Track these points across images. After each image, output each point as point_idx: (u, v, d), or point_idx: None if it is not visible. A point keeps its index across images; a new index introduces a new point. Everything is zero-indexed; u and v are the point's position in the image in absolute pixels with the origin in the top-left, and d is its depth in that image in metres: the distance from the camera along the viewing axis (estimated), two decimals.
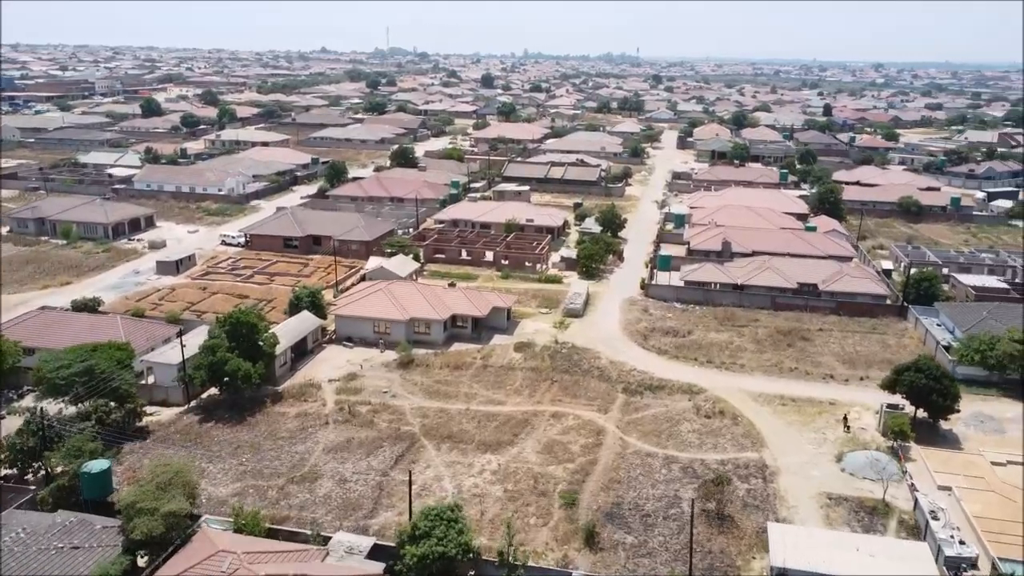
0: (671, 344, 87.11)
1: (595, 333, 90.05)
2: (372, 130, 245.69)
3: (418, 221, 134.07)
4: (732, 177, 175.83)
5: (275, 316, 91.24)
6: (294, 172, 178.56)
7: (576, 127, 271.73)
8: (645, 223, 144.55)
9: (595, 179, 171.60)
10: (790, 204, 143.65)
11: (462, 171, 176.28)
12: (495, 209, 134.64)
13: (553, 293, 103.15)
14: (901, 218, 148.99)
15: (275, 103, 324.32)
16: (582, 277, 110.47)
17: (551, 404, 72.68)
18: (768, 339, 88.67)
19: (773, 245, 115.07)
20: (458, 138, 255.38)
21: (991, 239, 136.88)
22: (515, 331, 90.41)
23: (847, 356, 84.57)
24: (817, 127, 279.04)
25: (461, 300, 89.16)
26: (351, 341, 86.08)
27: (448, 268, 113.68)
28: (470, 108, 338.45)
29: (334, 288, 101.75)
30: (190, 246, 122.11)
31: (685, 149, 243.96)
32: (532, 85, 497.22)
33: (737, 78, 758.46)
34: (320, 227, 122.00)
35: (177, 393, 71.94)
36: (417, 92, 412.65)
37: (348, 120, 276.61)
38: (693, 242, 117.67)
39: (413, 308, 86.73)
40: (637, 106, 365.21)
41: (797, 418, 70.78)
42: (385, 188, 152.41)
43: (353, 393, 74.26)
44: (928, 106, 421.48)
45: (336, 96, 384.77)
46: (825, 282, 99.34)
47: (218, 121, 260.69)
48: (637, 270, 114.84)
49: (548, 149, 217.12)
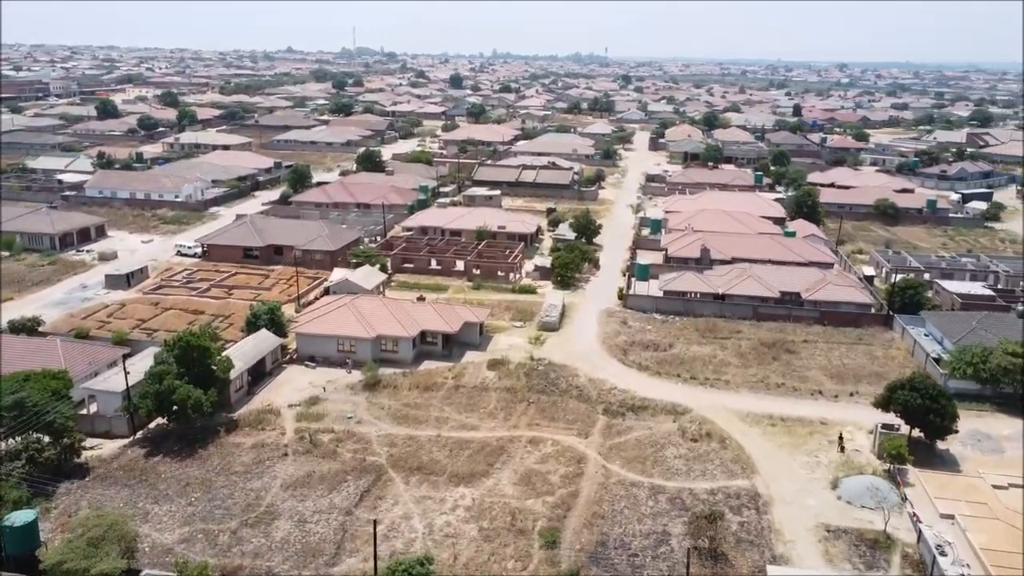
0: (652, 359, 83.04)
1: (572, 348, 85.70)
2: (338, 132, 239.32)
3: (385, 229, 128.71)
4: (706, 179, 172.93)
5: (232, 333, 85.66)
6: (256, 177, 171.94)
7: (547, 128, 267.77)
8: (620, 228, 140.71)
9: (568, 183, 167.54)
10: (767, 207, 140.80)
11: (431, 175, 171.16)
12: (465, 215, 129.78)
13: (527, 304, 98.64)
14: (878, 221, 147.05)
15: (238, 104, 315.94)
16: (557, 287, 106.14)
17: (528, 428, 68.11)
18: (752, 352, 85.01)
19: (753, 251, 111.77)
20: (427, 140, 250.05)
21: (969, 242, 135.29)
22: (488, 347, 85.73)
23: (834, 370, 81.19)
24: (788, 128, 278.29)
25: (431, 315, 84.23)
26: (313, 361, 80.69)
27: (417, 278, 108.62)
28: (439, 109, 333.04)
29: (296, 302, 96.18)
30: (143, 257, 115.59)
31: (657, 150, 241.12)
32: (501, 85, 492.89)
33: (705, 78, 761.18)
34: (282, 236, 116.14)
35: (122, 424, 66.09)
36: (385, 93, 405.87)
37: (313, 122, 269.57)
38: (671, 249, 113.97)
39: (380, 324, 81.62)
40: (607, 107, 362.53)
41: (788, 440, 67.02)
42: (351, 193, 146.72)
43: (315, 419, 68.99)
44: (894, 106, 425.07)
45: (301, 97, 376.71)
46: (808, 291, 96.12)
47: (177, 123, 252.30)
48: (614, 278, 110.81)
49: (519, 151, 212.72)
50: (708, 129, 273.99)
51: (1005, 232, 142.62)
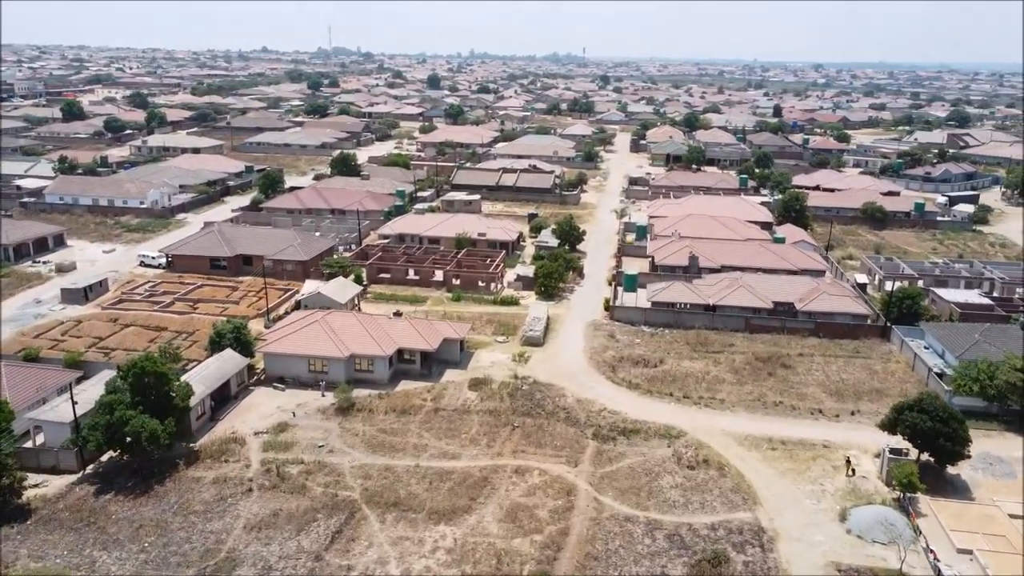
0: (642, 376, 78.75)
1: (558, 365, 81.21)
2: (312, 134, 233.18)
3: (360, 236, 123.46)
4: (690, 182, 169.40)
5: (196, 352, 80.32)
6: (226, 181, 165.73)
7: (527, 130, 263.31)
8: (604, 234, 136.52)
9: (549, 186, 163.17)
10: (753, 212, 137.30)
11: (408, 179, 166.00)
12: (444, 222, 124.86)
13: (510, 317, 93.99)
14: (865, 225, 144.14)
15: (209, 105, 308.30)
16: (540, 298, 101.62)
17: (513, 456, 63.48)
18: (747, 367, 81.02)
19: (742, 259, 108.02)
20: (404, 142, 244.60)
21: (958, 246, 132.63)
22: (469, 364, 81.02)
23: (833, 386, 77.39)
24: (769, 129, 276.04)
25: (408, 332, 79.30)
26: (283, 382, 75.50)
27: (394, 289, 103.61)
28: (416, 110, 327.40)
29: (265, 317, 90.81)
30: (104, 269, 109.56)
31: (639, 152, 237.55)
32: (480, 86, 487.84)
33: (683, 78, 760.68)
34: (251, 245, 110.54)
35: (70, 458, 60.57)
36: (361, 94, 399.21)
37: (287, 124, 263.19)
38: (657, 257, 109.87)
39: (354, 342, 76.58)
40: (587, 108, 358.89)
41: (790, 465, 62.97)
42: (325, 199, 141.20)
43: (283, 449, 63.87)
44: (873, 106, 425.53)
45: (275, 98, 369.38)
46: (802, 301, 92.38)
47: (146, 125, 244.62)
48: (599, 288, 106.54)
49: (499, 154, 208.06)
50: (689, 130, 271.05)
51: (994, 236, 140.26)
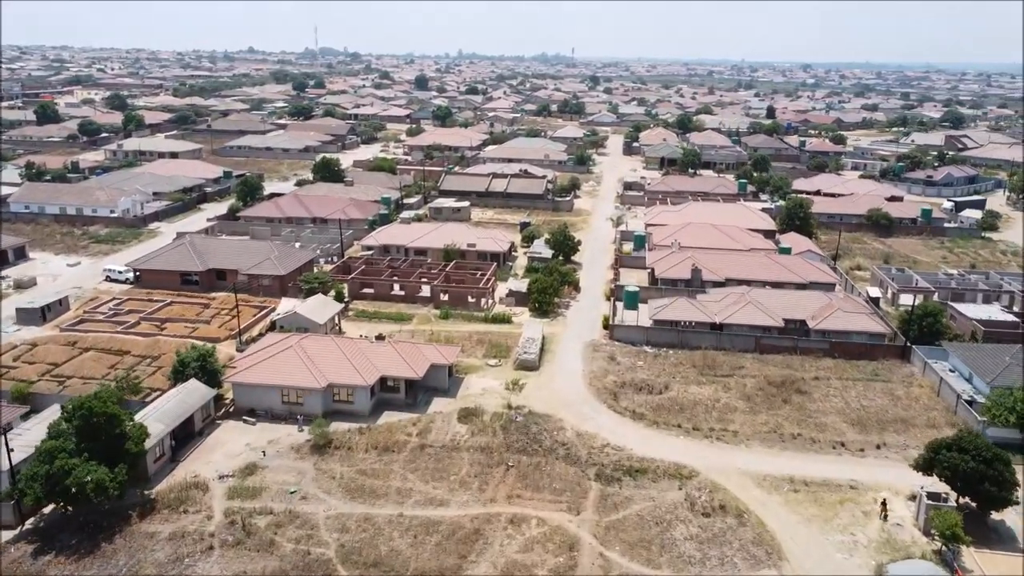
0: (647, 404, 72.39)
1: (556, 392, 74.75)
2: (296, 138, 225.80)
3: (343, 248, 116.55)
4: (687, 188, 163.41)
5: (159, 380, 73.41)
6: (203, 188, 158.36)
7: (516, 132, 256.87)
8: (600, 243, 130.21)
9: (541, 192, 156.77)
10: (755, 219, 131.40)
11: (394, 184, 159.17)
12: (431, 232, 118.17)
13: (502, 337, 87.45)
14: (871, 232, 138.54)
15: (190, 107, 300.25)
16: (534, 315, 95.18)
17: (507, 502, 56.95)
18: (759, 393, 74.82)
19: (747, 271, 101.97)
20: (390, 145, 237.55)
21: (969, 255, 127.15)
22: (459, 392, 74.46)
23: (854, 415, 71.29)
24: (764, 130, 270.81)
25: (392, 358, 72.62)
26: (253, 416, 68.70)
27: (377, 306, 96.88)
28: (403, 112, 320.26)
29: (237, 339, 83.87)
30: (66, 284, 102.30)
31: (632, 155, 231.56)
32: (468, 87, 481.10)
33: (672, 79, 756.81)
34: (225, 258, 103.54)
35: (8, 511, 53.56)
36: (347, 95, 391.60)
37: (270, 126, 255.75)
38: (658, 269, 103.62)
39: (332, 371, 69.85)
40: (578, 109, 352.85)
41: (815, 511, 56.72)
42: (305, 207, 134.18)
43: (250, 496, 57.08)
44: (865, 107, 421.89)
45: (259, 99, 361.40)
46: (815, 318, 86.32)
47: (123, 128, 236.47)
48: (597, 303, 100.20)
49: (488, 157, 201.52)
50: (682, 132, 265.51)
51: (1004, 243, 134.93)
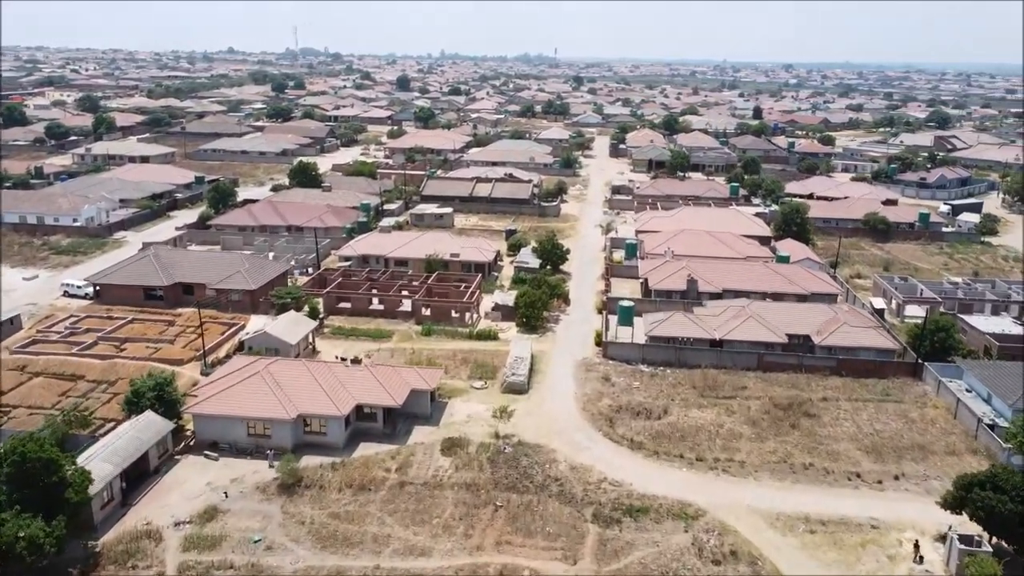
0: (645, 432, 67.01)
1: (547, 418, 69.22)
2: (273, 140, 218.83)
3: (319, 259, 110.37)
4: (677, 191, 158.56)
5: (114, 410, 67.13)
6: (174, 194, 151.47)
7: (501, 134, 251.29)
8: (589, 251, 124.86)
9: (527, 197, 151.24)
10: (749, 225, 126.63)
11: (374, 189, 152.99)
12: (413, 241, 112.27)
13: (488, 355, 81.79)
14: (868, 237, 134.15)
15: (165, 109, 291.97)
16: (522, 330, 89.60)
17: (496, 550, 51.34)
18: (765, 417, 69.66)
19: (745, 282, 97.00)
20: (371, 148, 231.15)
21: (970, 261, 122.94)
22: (442, 419, 68.77)
23: (867, 440, 66.29)
24: (751, 131, 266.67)
25: (369, 383, 66.79)
26: (216, 450, 62.62)
27: (355, 322, 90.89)
28: (385, 113, 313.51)
29: (202, 361, 77.64)
30: (20, 301, 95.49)
31: (619, 157, 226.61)
32: (451, 87, 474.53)
33: (656, 79, 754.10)
34: (192, 271, 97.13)
35: None
36: (327, 96, 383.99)
37: (246, 129, 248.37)
38: (651, 280, 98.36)
39: (303, 399, 63.92)
40: (562, 110, 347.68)
41: (835, 555, 51.55)
42: (280, 215, 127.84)
43: (208, 547, 51.08)
44: (850, 107, 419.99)
45: (237, 101, 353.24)
46: (820, 334, 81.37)
47: (93, 131, 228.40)
48: (588, 317, 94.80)
49: (471, 160, 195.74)
50: (669, 133, 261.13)
51: (1005, 248, 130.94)
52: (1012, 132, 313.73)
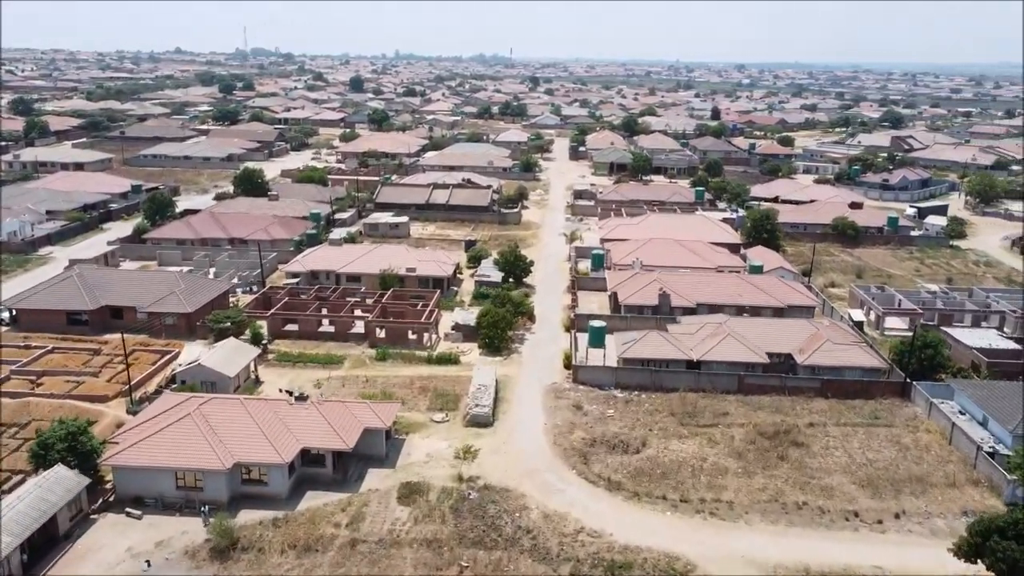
0: (624, 469, 61.13)
1: (515, 456, 62.91)
2: (218, 145, 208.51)
3: (263, 275, 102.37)
4: (641, 196, 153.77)
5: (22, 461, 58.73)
6: (108, 204, 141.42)
7: (458, 136, 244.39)
8: (553, 260, 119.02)
9: (486, 204, 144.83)
10: (718, 231, 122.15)
11: (325, 197, 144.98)
12: (366, 255, 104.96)
13: (449, 382, 75.22)
14: (837, 242, 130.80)
15: (104, 112, 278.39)
16: (485, 352, 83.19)
17: None
18: (751, 448, 64.35)
19: (719, 294, 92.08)
20: (322, 152, 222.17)
21: (941, 267, 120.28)
22: (399, 459, 62.02)
23: (862, 472, 61.34)
24: (711, 132, 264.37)
25: (316, 424, 59.67)
26: (140, 506, 54.88)
27: (303, 346, 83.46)
28: (337, 116, 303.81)
29: (128, 398, 69.54)
30: None
31: (579, 160, 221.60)
32: (406, 88, 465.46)
33: (612, 79, 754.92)
34: (121, 293, 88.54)
35: None
36: (277, 97, 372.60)
37: (190, 132, 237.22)
38: (621, 294, 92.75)
39: (241, 445, 56.55)
40: (520, 111, 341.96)
41: None
42: (223, 226, 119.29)
43: None
44: (804, 107, 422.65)
45: (182, 103, 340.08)
46: (802, 352, 76.56)
47: (24, 136, 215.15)
48: (555, 335, 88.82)
49: (428, 165, 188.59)
50: (629, 135, 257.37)
51: (974, 252, 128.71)
52: (964, 132, 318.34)
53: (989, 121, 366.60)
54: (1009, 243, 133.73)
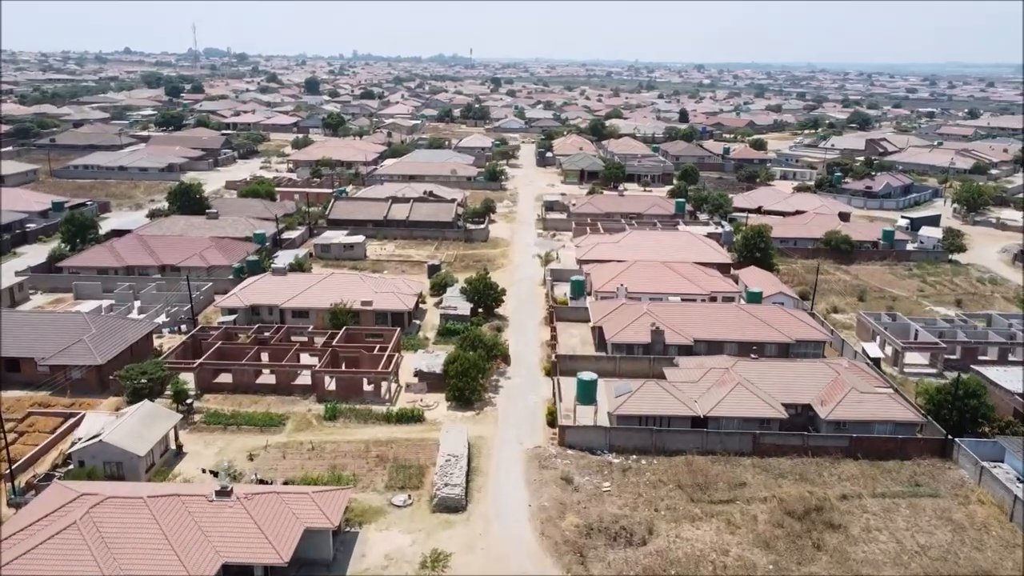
0: (629, 567, 49.54)
1: (495, 555, 50.93)
2: (158, 153, 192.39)
3: (194, 313, 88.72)
4: (617, 209, 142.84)
5: None
6: (24, 224, 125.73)
7: (418, 142, 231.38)
8: (526, 284, 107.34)
9: (450, 219, 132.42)
10: (706, 250, 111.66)
11: (272, 213, 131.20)
12: (315, 285, 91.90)
13: (412, 448, 63.01)
14: (830, 258, 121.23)
15: (37, 117, 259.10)
16: (454, 405, 71.11)
17: None
18: (778, 533, 53.24)
19: (718, 329, 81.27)
20: (272, 160, 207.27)
21: (946, 286, 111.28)
22: (350, 564, 49.63)
23: (915, 565, 50.58)
24: (681, 136, 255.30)
25: (242, 527, 46.96)
26: None
27: (239, 402, 70.55)
28: (290, 120, 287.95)
29: (9, 485, 55.90)
30: None
31: (547, 167, 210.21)
32: (363, 90, 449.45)
33: (573, 80, 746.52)
34: (19, 340, 74.46)
35: None
36: (227, 100, 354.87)
37: (129, 139, 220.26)
38: (608, 330, 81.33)
39: (141, 564, 43.61)
40: (482, 114, 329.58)
41: None
42: (152, 252, 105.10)
43: None
44: (769, 108, 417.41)
45: (124, 107, 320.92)
46: (825, 403, 65.88)
47: None
48: (534, 379, 77.24)
49: (386, 175, 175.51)
50: (597, 139, 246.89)
51: (976, 268, 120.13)
52: (932, 133, 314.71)
53: (954, 122, 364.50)
54: (1010, 257, 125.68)
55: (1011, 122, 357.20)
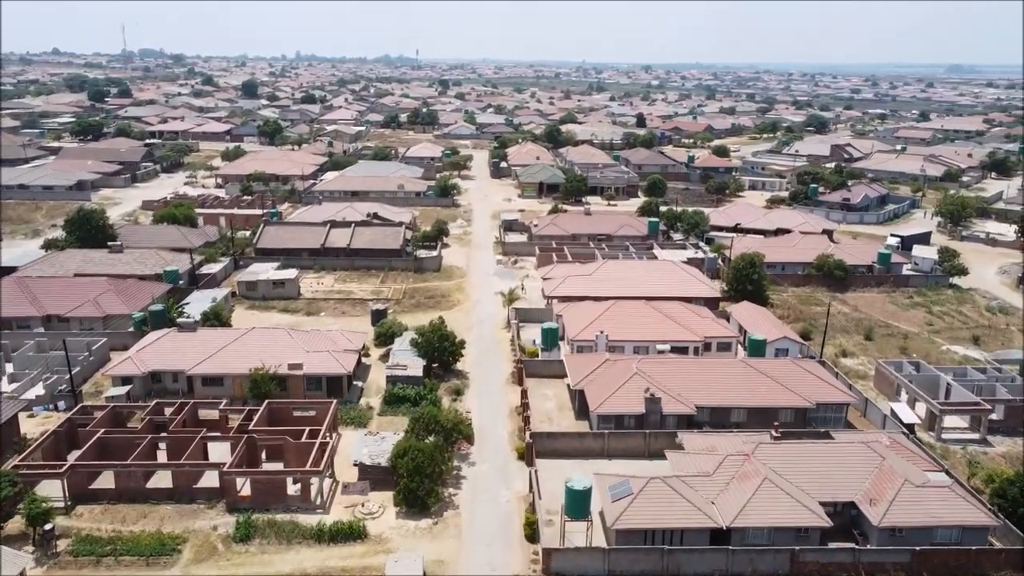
0: None
1: None
2: (67, 168, 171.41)
3: (74, 386, 71.16)
4: (584, 229, 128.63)
5: None
6: None
7: (362, 152, 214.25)
8: (487, 327, 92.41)
9: (398, 246, 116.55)
10: (688, 281, 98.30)
11: (191, 243, 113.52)
12: (231, 344, 75.09)
13: None
14: (822, 285, 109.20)
15: None
16: (404, 511, 55.71)
17: None
18: None
19: (725, 392, 67.61)
20: (199, 174, 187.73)
21: (953, 316, 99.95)
22: None
23: None
24: (641, 142, 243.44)
25: None
26: None
27: (123, 516, 54.15)
28: (223, 127, 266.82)
29: None
30: None
31: (502, 178, 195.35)
32: (305, 94, 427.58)
33: (522, 81, 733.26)
34: None
35: None
36: (156, 106, 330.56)
37: (36, 152, 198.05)
38: (592, 398, 66.91)
39: None
40: (430, 119, 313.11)
41: None
42: (34, 298, 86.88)
43: None
44: (723, 111, 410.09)
45: (40, 113, 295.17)
46: (874, 503, 52.44)
47: None
48: (503, 463, 62.54)
49: (326, 191, 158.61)
50: (553, 147, 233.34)
51: (979, 294, 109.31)
52: (889, 136, 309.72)
53: (908, 124, 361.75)
54: (1012, 280, 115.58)
55: (962, 124, 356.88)
